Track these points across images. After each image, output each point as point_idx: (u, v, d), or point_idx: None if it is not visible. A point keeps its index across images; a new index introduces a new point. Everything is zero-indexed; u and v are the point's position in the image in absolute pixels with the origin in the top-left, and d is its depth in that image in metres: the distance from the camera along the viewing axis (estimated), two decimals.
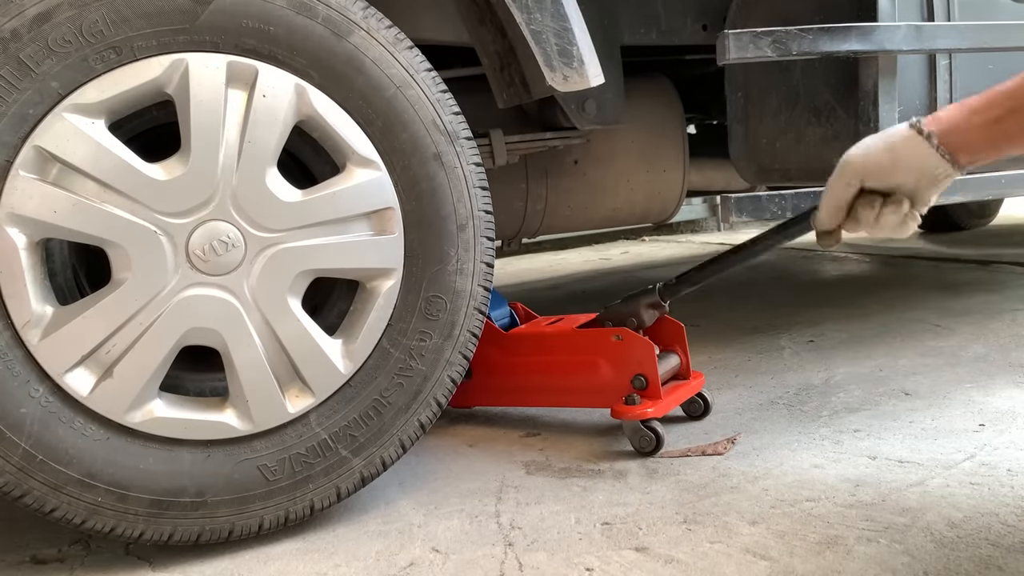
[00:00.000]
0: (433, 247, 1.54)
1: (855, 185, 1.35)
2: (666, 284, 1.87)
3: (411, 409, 1.54)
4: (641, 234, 6.01)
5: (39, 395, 1.34)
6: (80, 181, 1.33)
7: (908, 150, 1.29)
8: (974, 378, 2.14)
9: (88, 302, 1.37)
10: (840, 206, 1.38)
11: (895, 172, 1.31)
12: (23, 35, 1.30)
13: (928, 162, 1.28)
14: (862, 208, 1.36)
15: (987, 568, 1.25)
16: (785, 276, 3.93)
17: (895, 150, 1.30)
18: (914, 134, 1.28)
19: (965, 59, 2.12)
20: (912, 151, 1.29)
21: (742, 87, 2.30)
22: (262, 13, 1.41)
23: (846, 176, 1.35)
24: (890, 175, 1.32)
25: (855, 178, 1.34)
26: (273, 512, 1.48)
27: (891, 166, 1.31)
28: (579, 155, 2.65)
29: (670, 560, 1.35)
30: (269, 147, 1.42)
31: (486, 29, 1.90)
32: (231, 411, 1.45)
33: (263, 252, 1.43)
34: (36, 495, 1.35)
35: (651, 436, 1.77)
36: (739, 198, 2.01)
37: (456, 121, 1.55)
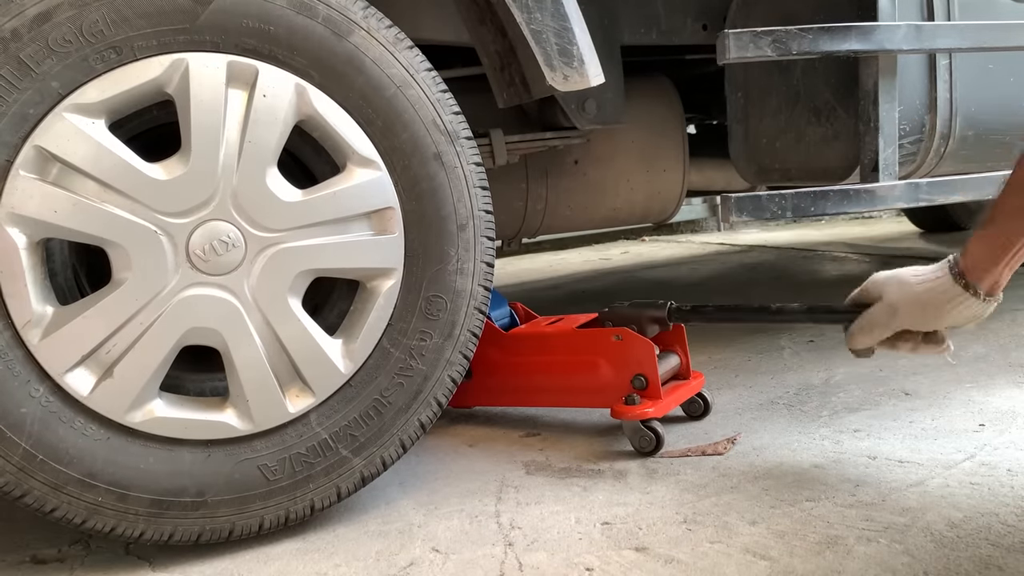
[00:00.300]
0: (433, 247, 1.54)
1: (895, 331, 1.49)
2: (679, 308, 1.88)
3: (411, 409, 1.54)
4: (641, 234, 6.01)
5: (39, 395, 1.34)
6: (80, 181, 1.33)
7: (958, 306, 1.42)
8: (974, 378, 2.14)
9: (88, 302, 1.37)
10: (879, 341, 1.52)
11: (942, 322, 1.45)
12: (23, 35, 1.30)
13: (975, 311, 1.42)
14: (902, 342, 1.50)
15: (987, 568, 1.25)
16: (785, 276, 3.93)
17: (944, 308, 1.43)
18: (962, 290, 1.40)
19: (965, 59, 2.12)
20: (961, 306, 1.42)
21: (742, 87, 2.30)
22: (262, 13, 1.41)
23: (893, 325, 1.48)
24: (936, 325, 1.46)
25: (901, 327, 1.48)
26: (273, 512, 1.48)
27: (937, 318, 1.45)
28: (579, 155, 2.65)
29: (670, 560, 1.35)
30: (269, 147, 1.42)
31: (486, 29, 1.90)
32: (231, 411, 1.45)
33: (263, 252, 1.43)
34: (36, 495, 1.35)
35: (651, 436, 1.77)
36: (739, 197, 2.01)
37: (456, 121, 1.55)
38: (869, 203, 2.05)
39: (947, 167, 2.22)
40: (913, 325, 1.47)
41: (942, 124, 2.12)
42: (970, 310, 1.42)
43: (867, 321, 1.51)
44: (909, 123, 2.09)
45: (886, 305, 1.49)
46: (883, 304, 1.49)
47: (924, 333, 1.49)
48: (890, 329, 1.49)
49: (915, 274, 1.48)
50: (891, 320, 1.48)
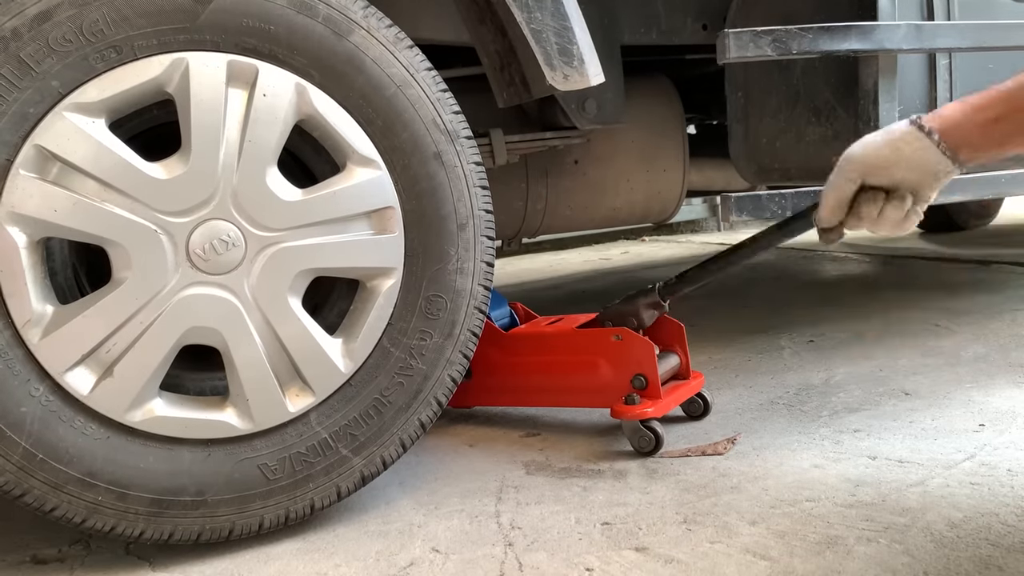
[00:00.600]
0: (433, 246, 1.54)
1: (856, 181, 1.36)
2: (665, 283, 1.87)
3: (411, 408, 1.54)
4: (641, 234, 6.02)
5: (39, 394, 1.34)
6: (80, 180, 1.33)
7: (910, 146, 1.30)
8: (974, 378, 2.14)
9: (88, 301, 1.37)
10: (842, 203, 1.38)
11: (897, 168, 1.32)
12: (24, 34, 1.30)
13: (929, 158, 1.29)
14: (864, 205, 1.37)
15: (987, 568, 1.25)
16: (785, 276, 3.93)
17: (897, 146, 1.31)
18: (915, 130, 1.30)
19: (965, 58, 2.12)
20: (914, 147, 1.30)
21: (742, 87, 2.30)
22: (262, 12, 1.41)
23: (848, 172, 1.36)
24: (892, 171, 1.33)
25: (856, 174, 1.35)
26: (273, 511, 1.48)
27: (893, 162, 1.32)
28: (579, 155, 2.65)
29: (670, 560, 1.35)
30: (269, 146, 1.42)
31: (486, 28, 1.90)
32: (231, 410, 1.45)
33: (263, 251, 1.43)
34: (36, 494, 1.35)
35: (650, 436, 1.77)
36: (739, 197, 2.01)
37: (456, 120, 1.55)
38: None
39: None
40: (867, 169, 1.35)
41: None
42: (925, 154, 1.30)
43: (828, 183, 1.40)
44: None
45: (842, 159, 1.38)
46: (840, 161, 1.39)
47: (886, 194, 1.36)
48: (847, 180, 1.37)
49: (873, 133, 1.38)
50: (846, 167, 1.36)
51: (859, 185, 1.36)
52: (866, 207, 1.36)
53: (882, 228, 1.38)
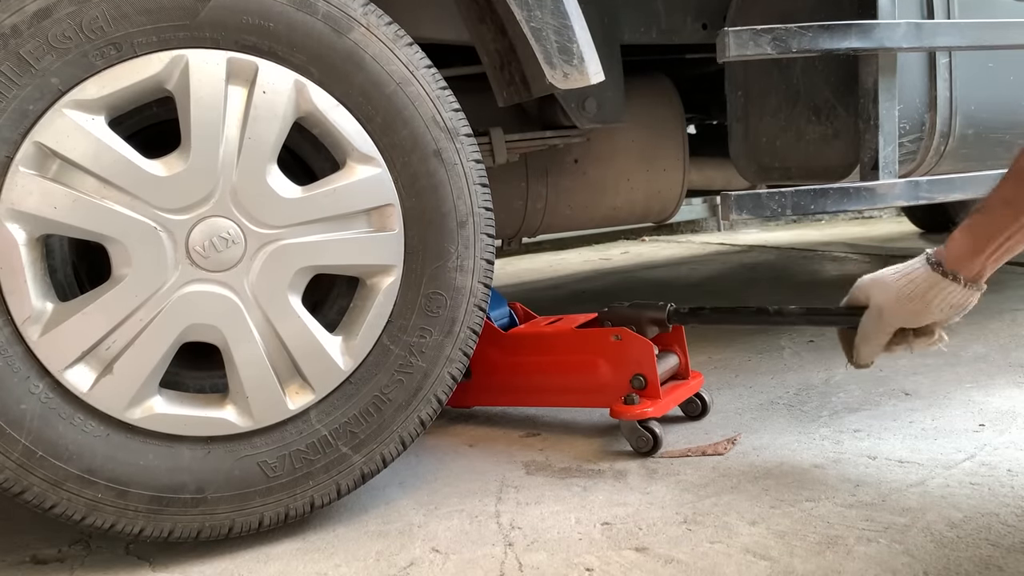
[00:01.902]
0: (433, 244, 1.54)
1: (891, 334, 1.50)
2: (678, 310, 1.88)
3: (411, 406, 1.54)
4: (641, 234, 6.02)
5: (39, 391, 1.34)
6: (80, 177, 1.33)
7: (939, 295, 1.43)
8: (974, 378, 2.13)
9: (88, 298, 1.36)
10: (879, 350, 1.53)
11: (929, 315, 1.45)
12: (23, 31, 1.30)
13: (958, 298, 1.43)
14: (896, 344, 1.51)
15: (987, 568, 1.25)
16: (785, 276, 3.93)
17: (927, 298, 1.44)
18: (940, 278, 1.42)
19: (965, 57, 2.12)
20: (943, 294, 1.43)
21: (742, 86, 2.30)
22: (262, 9, 1.41)
23: (885, 328, 1.49)
24: (924, 319, 1.46)
25: (892, 327, 1.49)
26: (273, 509, 1.48)
27: (925, 313, 1.45)
28: (579, 154, 2.65)
29: (670, 560, 1.35)
30: (269, 143, 1.42)
31: (486, 27, 1.90)
32: (231, 407, 1.44)
33: (263, 248, 1.43)
34: (36, 491, 1.35)
35: (648, 436, 1.77)
36: (739, 195, 2.00)
37: (456, 118, 1.55)
38: (869, 201, 2.05)
39: (947, 166, 2.22)
40: (902, 322, 1.48)
41: (942, 122, 2.12)
42: (952, 297, 1.42)
43: (862, 332, 1.53)
44: (909, 121, 2.09)
45: (873, 310, 1.50)
46: (870, 310, 1.51)
47: (915, 329, 1.49)
48: (883, 332, 1.50)
49: (894, 271, 1.50)
50: (880, 323, 1.49)
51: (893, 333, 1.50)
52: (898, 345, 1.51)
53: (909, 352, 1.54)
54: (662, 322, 1.88)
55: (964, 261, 1.41)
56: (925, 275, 1.43)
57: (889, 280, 1.49)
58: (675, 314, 1.88)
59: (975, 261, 1.40)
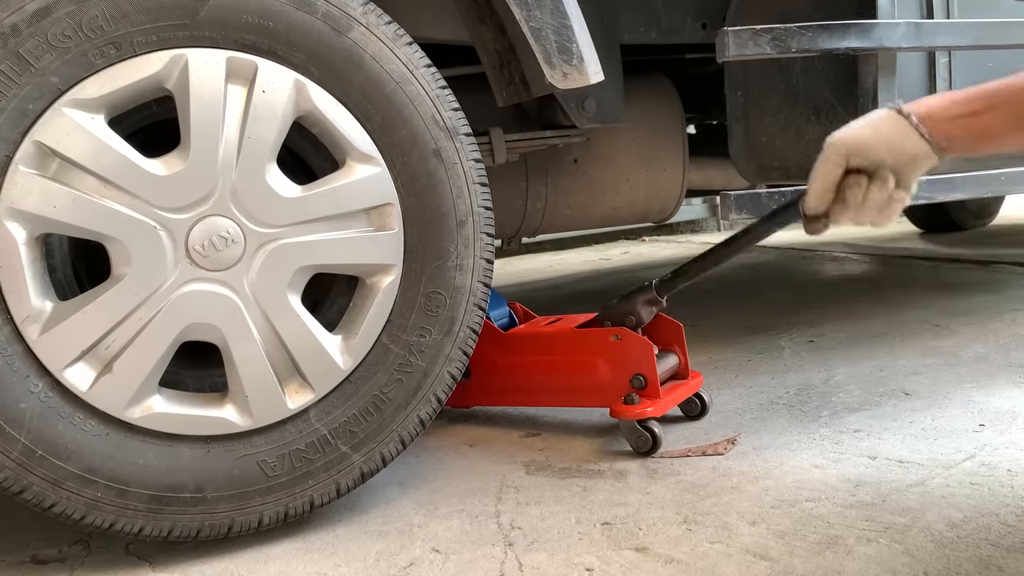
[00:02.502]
0: (433, 243, 1.53)
1: (841, 164, 1.38)
2: (662, 280, 1.86)
3: (411, 405, 1.54)
4: (641, 234, 6.02)
5: (39, 390, 1.34)
6: (80, 176, 1.33)
7: (888, 127, 1.34)
8: (974, 378, 2.13)
9: (87, 297, 1.36)
10: (827, 187, 1.41)
11: (877, 148, 1.36)
12: (23, 30, 1.30)
13: (908, 140, 1.33)
14: (849, 188, 1.39)
15: (987, 568, 1.25)
16: (785, 276, 3.93)
17: (876, 127, 1.35)
18: (894, 114, 1.34)
19: (965, 56, 2.11)
20: (892, 128, 1.34)
21: (742, 85, 2.30)
22: (261, 9, 1.41)
23: (831, 155, 1.39)
24: (872, 151, 1.36)
25: (839, 156, 1.38)
26: (273, 508, 1.48)
27: (873, 141, 1.36)
28: (579, 154, 2.65)
29: (670, 560, 1.34)
30: (268, 143, 1.42)
31: (486, 27, 1.90)
32: (231, 407, 1.44)
33: (263, 248, 1.43)
34: (36, 490, 1.35)
35: (647, 436, 1.77)
36: (739, 195, 2.00)
37: (455, 117, 1.55)
38: None
39: (947, 165, 2.21)
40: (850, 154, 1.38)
41: None
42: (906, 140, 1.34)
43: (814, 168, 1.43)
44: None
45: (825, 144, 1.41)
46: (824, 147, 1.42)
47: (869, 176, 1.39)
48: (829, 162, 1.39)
49: None
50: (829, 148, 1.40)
51: (843, 168, 1.39)
52: (851, 191, 1.39)
53: (866, 214, 1.41)
54: (654, 299, 1.87)
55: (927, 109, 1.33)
56: (883, 112, 1.37)
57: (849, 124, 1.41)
58: (661, 285, 1.86)
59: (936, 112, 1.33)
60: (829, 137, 1.40)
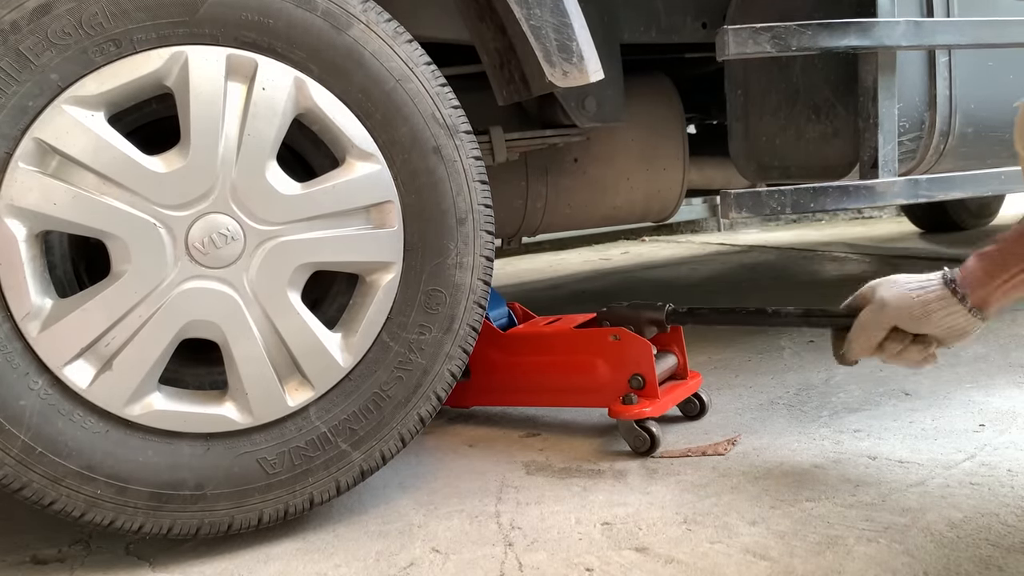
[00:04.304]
0: (432, 241, 1.53)
1: (888, 329, 1.48)
2: (676, 310, 1.88)
3: (411, 403, 1.54)
4: (641, 234, 6.03)
5: (38, 387, 1.33)
6: (80, 173, 1.33)
7: (943, 309, 1.43)
8: (974, 378, 2.13)
9: (87, 294, 1.36)
10: (873, 346, 1.51)
11: (928, 325, 1.45)
12: (23, 27, 1.30)
13: (960, 322, 1.43)
14: (890, 343, 1.49)
15: (987, 568, 1.25)
16: (785, 276, 3.93)
17: (929, 308, 1.43)
18: (949, 294, 1.42)
19: (965, 55, 2.12)
20: (946, 310, 1.43)
21: (742, 85, 2.30)
22: (261, 6, 1.41)
23: (883, 322, 1.48)
24: (923, 327, 1.45)
25: (890, 323, 1.48)
26: (272, 505, 1.48)
27: (924, 320, 1.44)
28: (579, 153, 2.65)
29: (670, 560, 1.34)
30: (268, 140, 1.42)
31: (486, 26, 1.90)
32: (231, 404, 1.44)
33: (262, 245, 1.43)
34: (35, 488, 1.35)
35: (645, 436, 1.77)
36: (739, 193, 2.00)
37: (455, 115, 1.55)
38: (868, 199, 2.04)
39: (947, 164, 2.22)
40: (900, 322, 1.47)
41: (941, 121, 2.12)
42: (955, 318, 1.42)
43: (859, 324, 1.53)
44: (908, 120, 2.09)
45: (876, 302, 1.50)
46: (873, 303, 1.51)
47: (912, 337, 1.49)
48: (880, 327, 1.49)
49: (908, 277, 1.50)
50: (880, 316, 1.49)
51: (889, 331, 1.48)
52: (891, 345, 1.49)
53: (899, 364, 1.52)
54: (660, 323, 1.88)
55: (972, 284, 1.41)
56: (937, 287, 1.43)
57: (900, 281, 1.49)
58: (673, 314, 1.88)
59: (984, 288, 1.40)
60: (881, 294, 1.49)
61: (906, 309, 1.45)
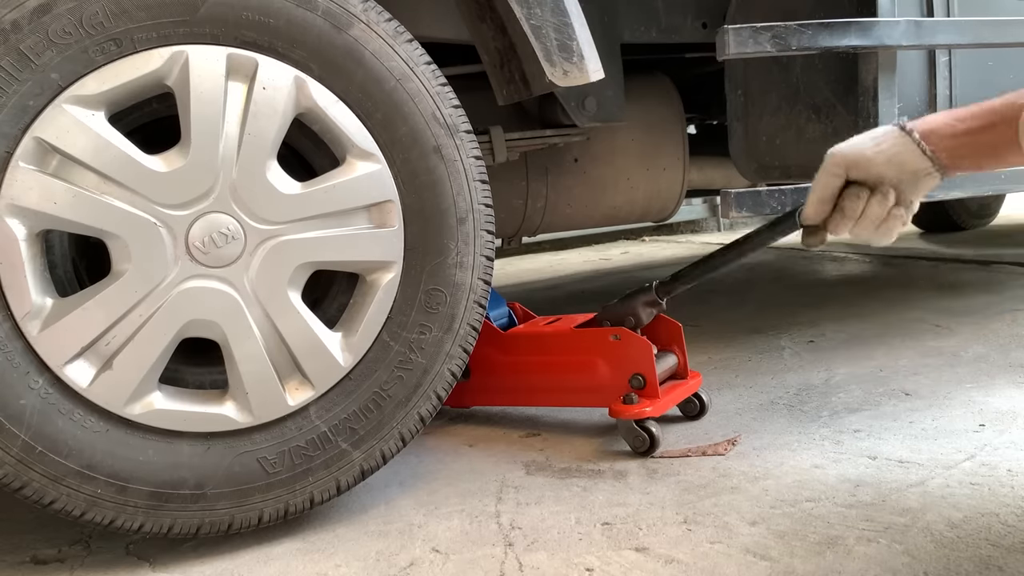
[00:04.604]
0: (433, 240, 1.53)
1: (840, 176, 1.38)
2: (662, 282, 1.87)
3: (411, 402, 1.54)
4: (641, 234, 6.02)
5: (39, 386, 1.33)
6: (80, 173, 1.33)
7: (890, 143, 1.34)
8: (974, 378, 2.13)
9: (88, 294, 1.36)
10: (826, 198, 1.41)
11: (877, 163, 1.35)
12: (23, 26, 1.30)
13: (910, 156, 1.33)
14: (848, 200, 1.39)
15: (987, 568, 1.25)
16: (785, 276, 3.93)
17: (878, 143, 1.35)
18: (897, 130, 1.34)
19: (965, 55, 2.12)
20: (894, 144, 1.34)
21: (742, 84, 2.30)
22: (262, 5, 1.41)
23: (831, 166, 1.39)
24: (873, 166, 1.36)
25: (840, 168, 1.38)
26: (273, 505, 1.48)
27: (873, 156, 1.35)
28: (579, 153, 2.65)
29: (670, 560, 1.34)
30: (269, 139, 1.42)
31: (486, 26, 1.90)
32: (231, 403, 1.44)
33: (263, 244, 1.43)
34: (35, 487, 1.34)
35: (645, 436, 1.77)
36: (739, 193, 2.00)
37: (456, 114, 1.55)
38: None
39: None
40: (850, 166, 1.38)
41: None
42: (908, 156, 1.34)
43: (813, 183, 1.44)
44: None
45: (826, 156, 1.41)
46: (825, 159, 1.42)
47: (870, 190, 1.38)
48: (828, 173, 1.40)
49: None
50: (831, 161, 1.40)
51: (843, 180, 1.39)
52: (849, 202, 1.39)
53: (865, 228, 1.40)
54: (654, 301, 1.87)
55: (930, 126, 1.33)
56: (886, 127, 1.37)
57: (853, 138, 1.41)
58: (661, 287, 1.86)
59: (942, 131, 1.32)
60: (830, 150, 1.39)
61: (856, 147, 1.38)
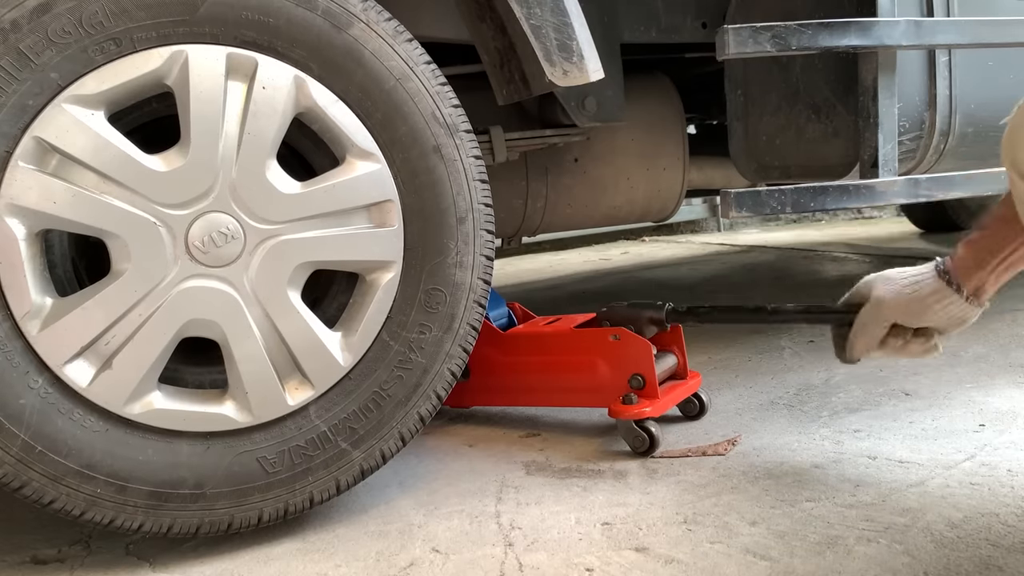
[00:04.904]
0: (432, 240, 1.53)
1: (887, 327, 1.50)
2: (676, 309, 1.88)
3: (411, 402, 1.54)
4: (641, 234, 6.02)
5: (38, 386, 1.33)
6: (80, 172, 1.33)
7: (940, 302, 1.44)
8: (974, 378, 2.13)
9: (87, 293, 1.36)
10: (874, 344, 1.53)
11: (927, 319, 1.46)
12: (23, 26, 1.30)
13: (958, 311, 1.44)
14: (891, 339, 1.51)
15: (987, 568, 1.25)
16: (785, 276, 3.93)
17: (927, 302, 1.45)
18: (944, 286, 1.43)
19: (965, 55, 2.12)
20: (943, 303, 1.44)
21: (742, 84, 2.30)
22: (262, 5, 1.41)
23: (881, 320, 1.50)
24: (922, 321, 1.47)
25: (888, 321, 1.49)
26: (272, 504, 1.47)
27: (923, 315, 1.46)
28: (579, 153, 2.65)
29: (670, 560, 1.34)
30: (268, 139, 1.42)
31: (486, 26, 1.90)
32: (230, 403, 1.44)
33: (262, 244, 1.43)
34: (35, 486, 1.34)
35: (644, 436, 1.77)
36: (739, 193, 2.00)
37: (455, 114, 1.55)
38: (868, 198, 2.04)
39: (947, 164, 2.22)
40: (899, 318, 1.48)
41: (941, 121, 2.12)
42: (952, 308, 1.43)
43: (859, 323, 1.54)
44: (908, 119, 2.09)
45: (873, 301, 1.51)
46: (870, 302, 1.52)
47: (913, 331, 1.50)
48: (879, 325, 1.50)
49: (901, 271, 1.51)
50: (878, 314, 1.50)
51: (889, 327, 1.50)
52: (892, 341, 1.51)
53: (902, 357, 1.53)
54: (660, 322, 1.88)
55: (965, 273, 1.42)
56: (931, 279, 1.44)
57: (894, 276, 1.50)
58: (673, 313, 1.87)
59: (976, 275, 1.41)
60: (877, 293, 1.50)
61: (903, 306, 1.46)
